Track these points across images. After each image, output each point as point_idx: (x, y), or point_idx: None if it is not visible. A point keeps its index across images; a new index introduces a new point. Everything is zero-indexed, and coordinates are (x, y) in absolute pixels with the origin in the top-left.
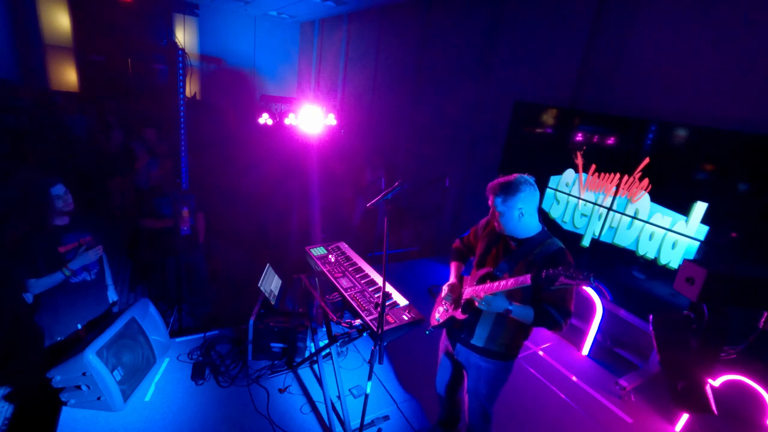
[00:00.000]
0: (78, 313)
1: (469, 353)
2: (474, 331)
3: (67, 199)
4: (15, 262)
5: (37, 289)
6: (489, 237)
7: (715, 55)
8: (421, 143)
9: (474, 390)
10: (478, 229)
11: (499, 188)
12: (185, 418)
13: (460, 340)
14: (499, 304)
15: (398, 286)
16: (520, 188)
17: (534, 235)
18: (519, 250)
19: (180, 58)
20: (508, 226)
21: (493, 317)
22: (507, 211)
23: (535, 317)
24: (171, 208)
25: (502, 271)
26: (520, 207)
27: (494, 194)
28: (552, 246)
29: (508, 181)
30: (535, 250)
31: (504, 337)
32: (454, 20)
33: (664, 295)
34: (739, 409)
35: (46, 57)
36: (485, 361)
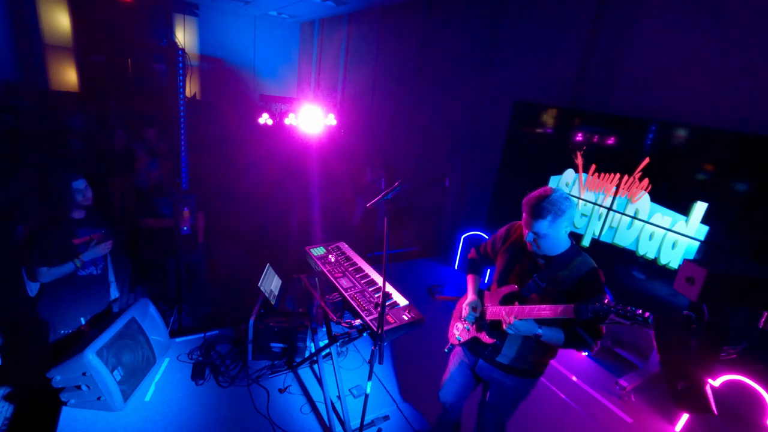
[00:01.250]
0: (82, 306)
1: (492, 370)
2: (500, 350)
3: (87, 193)
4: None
5: (46, 278)
6: (511, 251)
7: (715, 55)
8: (421, 143)
9: (495, 406)
10: (497, 240)
11: (546, 210)
12: (185, 418)
13: (483, 357)
14: (529, 329)
15: (398, 286)
16: (566, 205)
17: (564, 252)
18: (548, 268)
19: (180, 58)
20: (548, 246)
21: (521, 338)
22: (553, 233)
23: (565, 341)
24: (171, 208)
25: (529, 292)
26: (566, 226)
27: (539, 216)
28: (584, 266)
29: (553, 200)
30: (565, 268)
31: (532, 356)
32: (454, 20)
33: (664, 295)
34: (739, 409)
35: (46, 57)
36: (511, 379)
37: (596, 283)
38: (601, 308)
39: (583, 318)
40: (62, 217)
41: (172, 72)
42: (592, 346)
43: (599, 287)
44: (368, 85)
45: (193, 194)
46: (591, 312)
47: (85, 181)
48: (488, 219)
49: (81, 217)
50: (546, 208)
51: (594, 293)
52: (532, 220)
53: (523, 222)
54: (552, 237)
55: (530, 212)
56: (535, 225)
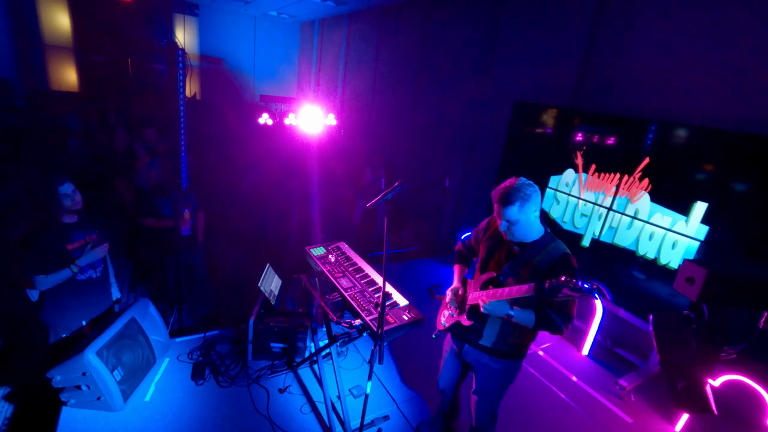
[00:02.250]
0: (83, 309)
1: (478, 354)
2: (482, 333)
3: (75, 197)
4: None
5: (44, 286)
6: (491, 240)
7: (715, 55)
8: (421, 143)
9: (483, 390)
10: (479, 231)
11: (513, 195)
12: (185, 418)
13: (468, 341)
14: (502, 309)
15: (398, 286)
16: (530, 191)
17: (538, 239)
18: (523, 255)
19: (180, 58)
20: (522, 232)
21: (499, 321)
22: (524, 218)
23: (536, 322)
24: (171, 208)
25: (505, 276)
26: (534, 210)
27: (508, 203)
28: (556, 251)
29: (517, 186)
30: (540, 254)
31: (512, 337)
32: (454, 20)
33: (664, 295)
34: (739, 409)
35: (46, 57)
36: (495, 361)
37: (567, 267)
38: (556, 283)
39: (542, 294)
40: (53, 222)
41: (172, 72)
42: (562, 328)
43: (570, 271)
44: (368, 85)
45: (193, 194)
46: (548, 288)
47: (73, 185)
48: None
49: (73, 222)
50: (513, 195)
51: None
52: (502, 208)
53: (495, 213)
54: (523, 223)
55: (499, 201)
56: (505, 213)
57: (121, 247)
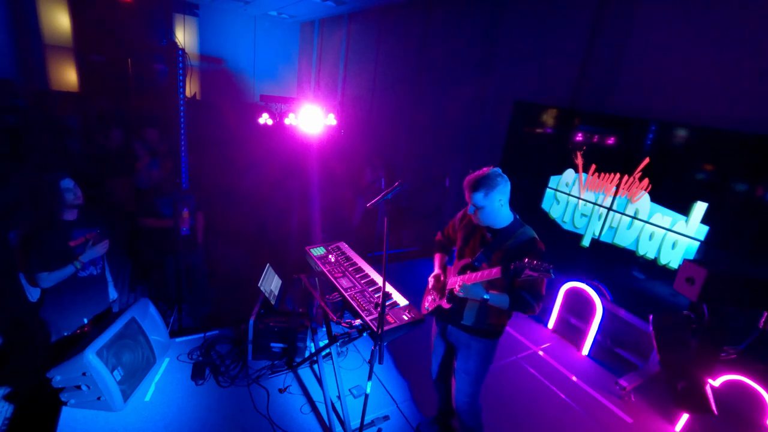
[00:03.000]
0: (84, 306)
1: (459, 333)
2: (463, 314)
3: (77, 192)
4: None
5: (48, 283)
6: (466, 229)
7: (715, 55)
8: (421, 143)
9: (463, 369)
10: (456, 221)
11: (480, 183)
12: (185, 418)
13: (450, 321)
14: (476, 293)
15: (398, 286)
16: (498, 180)
17: (508, 225)
18: (495, 241)
19: (180, 58)
20: (488, 218)
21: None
22: (489, 204)
23: (510, 303)
24: (171, 208)
25: (480, 262)
26: (499, 198)
27: (475, 190)
28: (524, 235)
29: (486, 175)
30: (510, 239)
31: (490, 316)
32: (454, 20)
33: (664, 295)
34: (739, 409)
35: (46, 57)
36: (475, 340)
37: (534, 250)
38: (520, 264)
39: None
40: (55, 220)
41: (172, 72)
42: (534, 307)
43: (537, 254)
44: (368, 85)
45: (192, 194)
46: (512, 270)
47: (73, 181)
48: None
49: (74, 218)
50: (480, 182)
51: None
52: (469, 193)
53: (466, 198)
54: (488, 209)
55: (467, 187)
56: (472, 198)
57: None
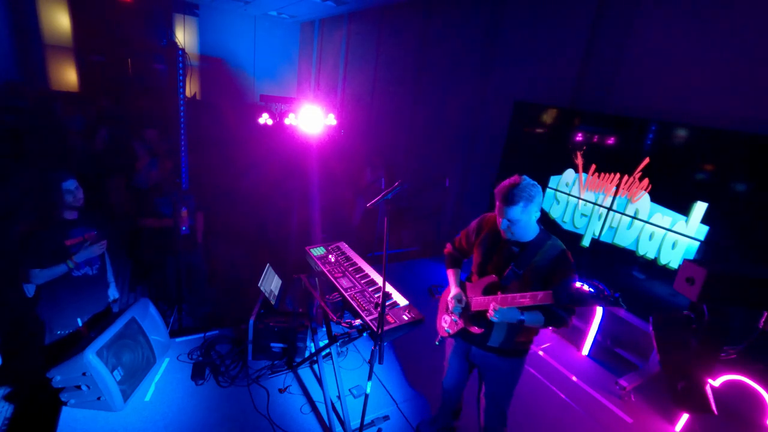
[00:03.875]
0: (79, 307)
1: (486, 355)
2: (490, 335)
3: (78, 194)
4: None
5: (39, 280)
6: (486, 242)
7: (715, 55)
8: (421, 143)
9: (492, 392)
10: (470, 233)
11: (517, 195)
12: (185, 418)
13: (475, 343)
14: (513, 316)
15: (398, 286)
16: (535, 191)
17: (534, 238)
18: (523, 255)
19: (180, 58)
20: (522, 232)
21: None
22: (525, 218)
23: (545, 321)
24: (171, 207)
25: (509, 280)
26: (536, 210)
27: (512, 203)
28: (554, 249)
29: (521, 185)
30: (538, 253)
31: (519, 335)
32: (454, 20)
33: (664, 295)
34: (739, 409)
35: (46, 57)
36: (503, 360)
37: (567, 264)
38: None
39: (563, 303)
40: (54, 219)
41: (172, 72)
42: (568, 322)
43: (570, 267)
44: (368, 85)
45: (192, 194)
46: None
47: (76, 182)
48: None
49: (73, 218)
50: (517, 195)
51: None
52: (506, 207)
53: (497, 210)
54: (524, 223)
55: (503, 200)
56: (508, 212)
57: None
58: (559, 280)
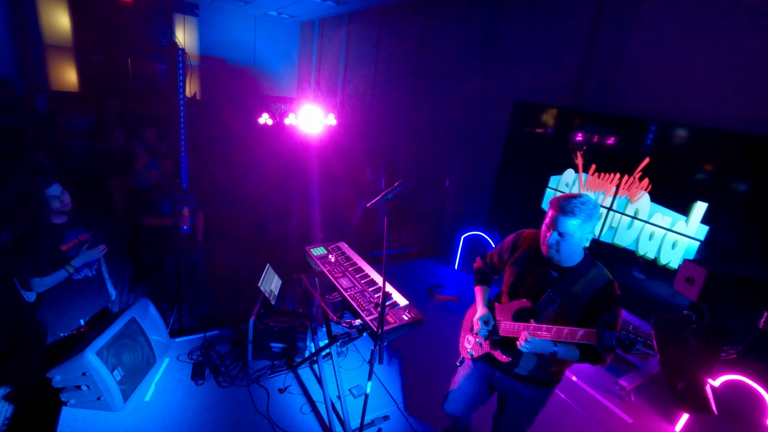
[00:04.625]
0: (81, 308)
1: (511, 381)
2: (518, 362)
3: (64, 198)
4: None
5: (41, 288)
6: (522, 263)
7: (715, 55)
8: (421, 143)
9: (514, 416)
10: (504, 250)
11: (579, 209)
12: (185, 418)
13: (500, 369)
14: (545, 348)
15: (398, 286)
16: (597, 212)
17: (578, 263)
18: (563, 282)
19: (180, 58)
20: (567, 252)
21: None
22: (578, 237)
23: (581, 357)
24: (171, 206)
25: (544, 307)
26: (591, 232)
27: (571, 214)
28: (600, 279)
29: (585, 201)
30: (581, 281)
31: (551, 366)
32: (454, 20)
33: (664, 295)
34: (739, 409)
35: (46, 57)
36: (530, 389)
37: (613, 298)
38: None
39: (606, 345)
40: (43, 225)
41: (172, 72)
42: (606, 360)
43: (616, 302)
44: (368, 85)
45: (192, 194)
46: (616, 341)
47: (61, 186)
48: (488, 219)
49: (63, 222)
50: (579, 208)
51: (611, 308)
52: (563, 217)
53: (549, 221)
54: (576, 241)
55: (561, 210)
56: (564, 223)
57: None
58: (602, 315)
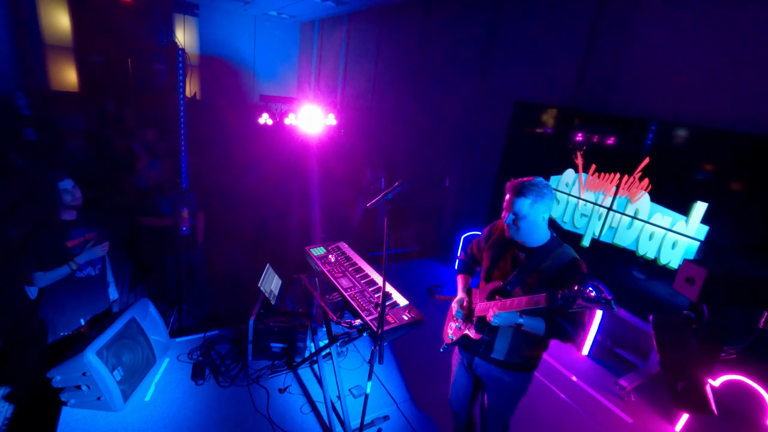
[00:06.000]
0: (81, 307)
1: (489, 367)
2: (493, 346)
3: (76, 193)
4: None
5: (43, 282)
6: (495, 248)
7: (715, 55)
8: (421, 143)
9: (495, 405)
10: (481, 240)
11: (528, 189)
12: (185, 418)
13: (478, 354)
14: (511, 319)
15: (398, 286)
16: (547, 192)
17: (544, 244)
18: (529, 261)
19: (180, 58)
20: (526, 232)
21: (511, 331)
22: (532, 215)
23: (546, 330)
24: (171, 206)
25: (513, 285)
26: (544, 211)
27: (521, 195)
28: (565, 256)
29: (534, 183)
30: (547, 260)
31: (525, 348)
32: (454, 20)
33: (664, 295)
34: (739, 409)
35: (46, 57)
36: (507, 374)
37: (577, 273)
38: (570, 294)
39: (555, 305)
40: (53, 220)
41: (172, 72)
42: (574, 337)
43: (580, 277)
44: (368, 85)
45: (193, 194)
46: (561, 299)
47: (72, 181)
48: (488, 219)
49: (73, 219)
50: (528, 188)
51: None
52: (514, 198)
53: (505, 204)
54: (530, 220)
55: (513, 191)
56: (516, 204)
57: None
58: None
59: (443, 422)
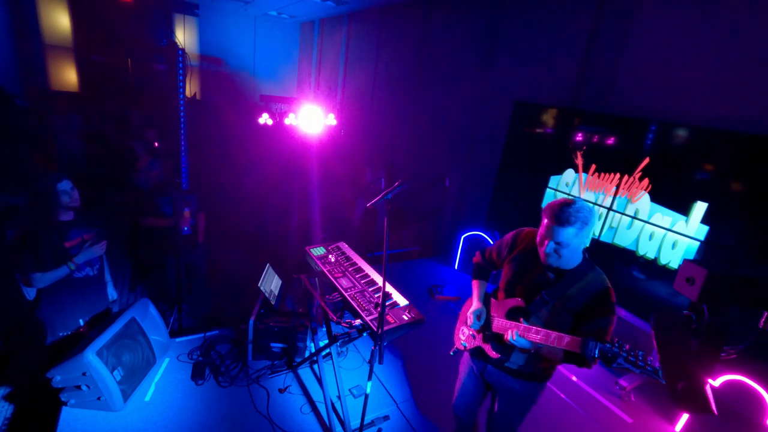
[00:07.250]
0: (80, 308)
1: (502, 375)
2: (509, 356)
3: (74, 194)
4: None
5: (42, 283)
6: (520, 261)
7: (715, 55)
8: (421, 143)
9: (505, 411)
10: (503, 247)
11: (575, 217)
12: (185, 418)
13: (491, 362)
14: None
15: (398, 286)
16: (591, 216)
17: (576, 267)
18: (558, 284)
19: (180, 58)
20: (567, 259)
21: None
22: (576, 243)
23: (564, 357)
24: (171, 207)
25: (537, 308)
26: (588, 236)
27: (567, 224)
28: (596, 283)
29: (578, 207)
30: (577, 284)
31: (541, 362)
32: (454, 20)
33: (664, 295)
34: (739, 409)
35: (46, 57)
36: (520, 383)
37: (607, 304)
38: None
39: (589, 356)
40: (51, 221)
41: (172, 72)
42: (591, 365)
43: (610, 309)
44: (368, 85)
45: (193, 194)
46: (599, 352)
47: (71, 182)
48: (488, 219)
49: (70, 219)
50: (573, 216)
51: (604, 315)
52: (559, 227)
53: (544, 230)
54: (573, 248)
55: (556, 219)
56: (560, 234)
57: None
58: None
59: (443, 422)
